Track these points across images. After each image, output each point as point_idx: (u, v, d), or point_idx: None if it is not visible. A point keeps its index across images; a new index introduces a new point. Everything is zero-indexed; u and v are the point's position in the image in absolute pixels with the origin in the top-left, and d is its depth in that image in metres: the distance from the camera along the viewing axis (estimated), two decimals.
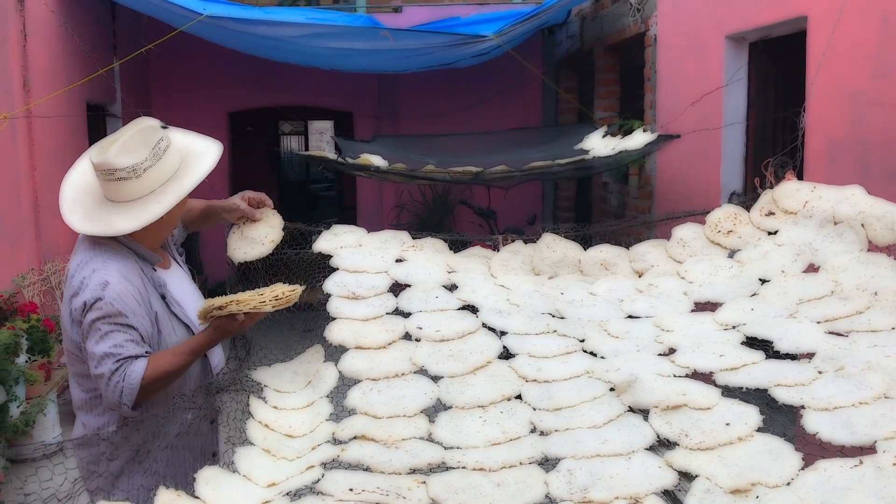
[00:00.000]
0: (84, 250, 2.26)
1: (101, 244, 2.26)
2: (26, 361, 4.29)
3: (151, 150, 2.22)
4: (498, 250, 3.08)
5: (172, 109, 8.86)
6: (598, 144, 5.46)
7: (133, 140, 2.23)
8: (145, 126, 2.26)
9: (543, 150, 5.92)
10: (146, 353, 2.19)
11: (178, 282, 2.46)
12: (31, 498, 1.94)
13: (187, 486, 1.86)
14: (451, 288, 2.83)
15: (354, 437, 2.14)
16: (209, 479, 1.91)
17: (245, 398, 2.36)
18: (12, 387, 4.00)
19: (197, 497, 1.83)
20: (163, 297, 2.33)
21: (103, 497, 2.10)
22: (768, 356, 2.26)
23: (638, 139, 5.02)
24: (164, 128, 2.33)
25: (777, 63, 4.91)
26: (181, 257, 2.61)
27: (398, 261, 2.93)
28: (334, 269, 2.86)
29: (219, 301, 2.20)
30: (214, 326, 2.24)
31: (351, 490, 1.86)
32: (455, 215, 9.13)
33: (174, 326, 2.32)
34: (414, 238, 3.07)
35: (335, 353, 2.55)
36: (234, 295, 2.23)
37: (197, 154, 2.39)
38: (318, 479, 1.92)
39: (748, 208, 3.02)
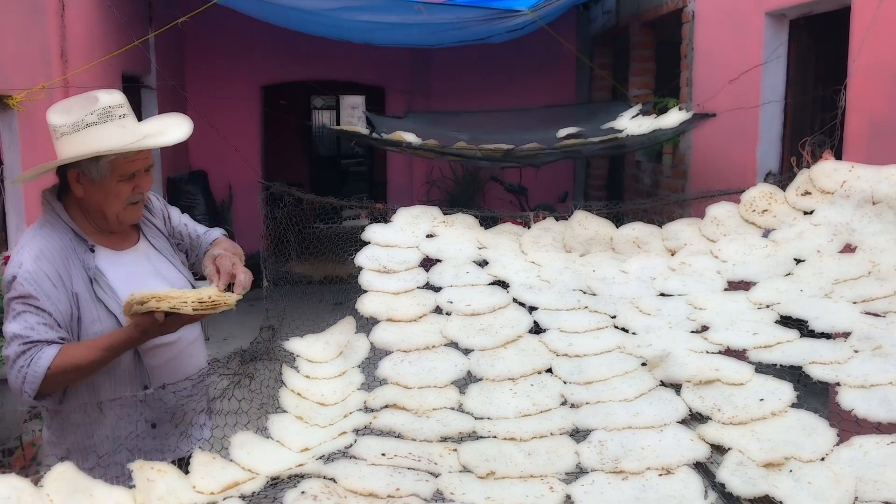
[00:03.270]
0: (36, 223, 2.21)
1: (47, 221, 2.19)
2: None
3: (76, 119, 2.11)
4: (529, 227, 3.08)
5: (206, 82, 8.91)
6: (632, 123, 5.41)
7: (75, 102, 2.16)
8: (92, 96, 2.16)
9: (576, 127, 5.87)
10: (60, 339, 2.08)
11: (133, 267, 2.27)
12: None
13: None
14: (482, 264, 2.84)
15: (386, 406, 2.17)
16: (243, 443, 1.95)
17: (278, 367, 2.39)
18: None
19: (231, 460, 1.87)
20: (92, 281, 2.17)
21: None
22: (803, 335, 2.25)
23: (673, 118, 4.97)
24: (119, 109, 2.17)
25: (818, 40, 4.82)
26: (173, 243, 2.47)
27: (429, 236, 2.95)
28: (366, 243, 2.88)
29: (139, 295, 2.00)
30: (135, 324, 2.04)
31: (383, 455, 1.89)
32: (486, 192, 9.11)
33: (99, 314, 2.15)
34: (445, 214, 3.07)
35: (366, 325, 2.57)
36: (160, 292, 2.04)
37: (155, 134, 2.24)
38: (351, 445, 1.95)
39: (784, 188, 2.99)
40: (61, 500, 1.46)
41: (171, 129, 2.28)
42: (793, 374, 2.08)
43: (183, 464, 1.86)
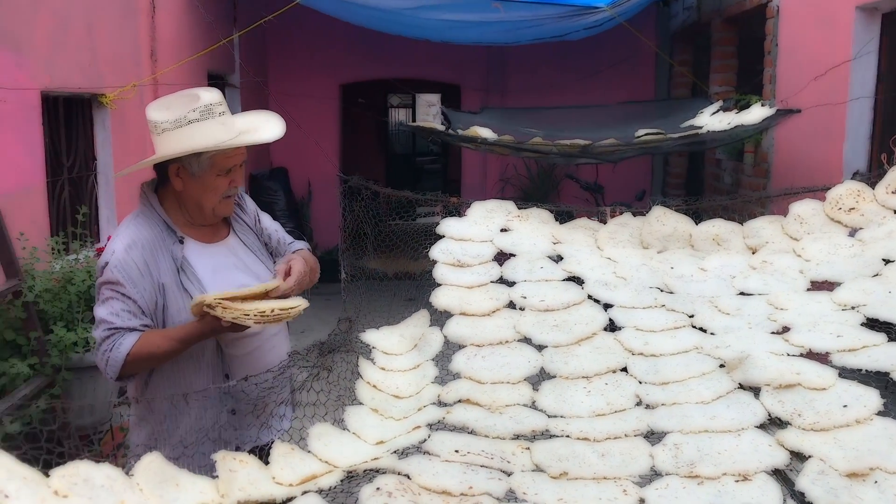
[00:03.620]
0: (133, 213, 2.32)
1: (142, 212, 2.30)
2: None
3: (178, 115, 2.20)
4: (605, 223, 3.05)
5: (287, 81, 9.10)
6: (712, 119, 5.29)
7: (175, 99, 2.25)
8: (193, 93, 2.25)
9: (655, 124, 5.78)
10: (143, 325, 2.18)
11: (221, 259, 2.36)
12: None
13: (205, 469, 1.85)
14: (557, 259, 2.82)
15: (459, 401, 2.18)
16: (321, 434, 1.98)
17: (354, 359, 2.43)
18: None
19: (309, 451, 1.91)
20: (179, 271, 2.26)
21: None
22: (891, 339, 2.16)
23: (755, 114, 4.83)
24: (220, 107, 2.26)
25: None
26: (259, 240, 2.52)
27: (503, 230, 2.94)
28: (440, 237, 2.90)
29: (208, 299, 2.07)
30: (204, 321, 2.13)
31: (457, 451, 1.90)
32: (560, 190, 9.04)
33: (185, 303, 2.23)
34: (519, 208, 3.06)
35: (440, 318, 2.59)
36: (228, 299, 2.08)
37: (249, 131, 2.33)
38: (425, 440, 1.97)
39: (873, 186, 2.88)
40: (150, 489, 1.52)
41: (264, 125, 2.37)
42: (879, 380, 2.00)
43: (263, 453, 1.91)
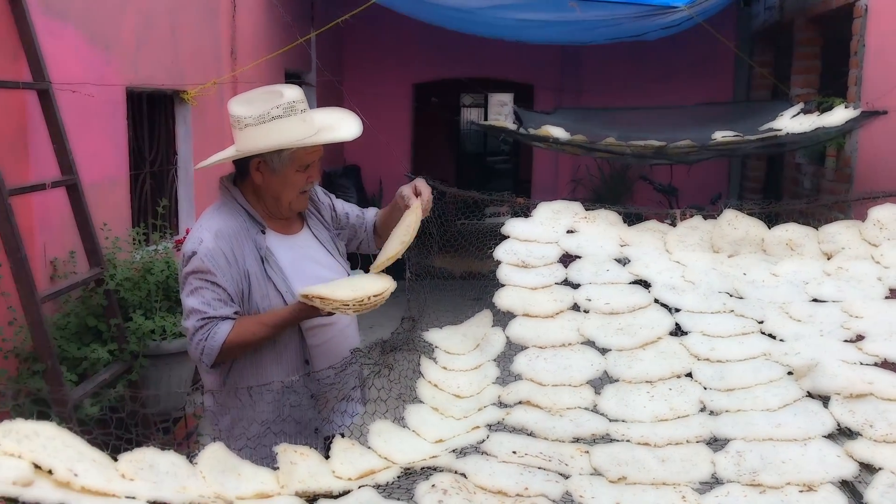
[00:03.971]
0: (213, 205, 2.38)
1: (224, 204, 2.36)
2: None
3: (261, 111, 2.24)
4: (675, 225, 3.00)
5: (362, 79, 9.23)
6: (792, 122, 5.14)
7: (258, 95, 2.31)
8: (276, 90, 2.30)
9: (732, 126, 5.64)
10: (234, 313, 2.23)
11: (297, 251, 2.42)
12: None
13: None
14: (624, 261, 2.79)
15: (519, 402, 2.18)
16: (381, 431, 2.01)
17: (416, 357, 2.45)
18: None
19: (369, 447, 1.94)
20: (263, 260, 2.32)
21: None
22: None
23: (838, 115, 4.68)
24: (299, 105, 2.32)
25: None
26: (335, 236, 2.59)
27: (569, 232, 2.92)
28: (505, 238, 2.89)
29: (308, 292, 2.13)
30: (300, 308, 2.19)
31: (514, 453, 1.90)
32: (634, 192, 8.91)
33: (269, 291, 2.29)
34: (587, 209, 3.04)
35: (503, 318, 2.59)
36: (325, 291, 2.13)
37: (328, 128, 2.38)
38: (483, 440, 1.97)
39: None
40: (213, 477, 1.57)
41: (342, 123, 2.43)
42: None
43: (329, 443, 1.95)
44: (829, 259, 2.74)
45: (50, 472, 1.20)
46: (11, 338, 3.30)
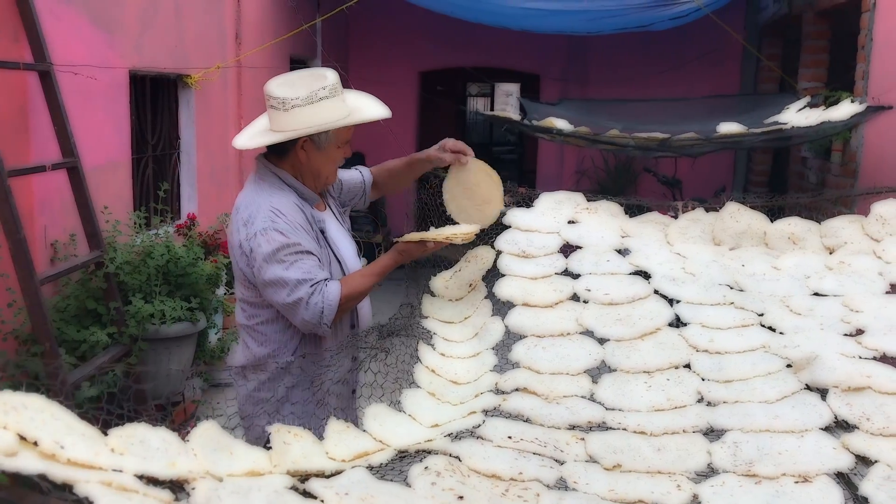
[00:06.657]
0: (252, 185, 2.44)
1: (266, 180, 2.42)
2: (224, 293, 4.65)
3: (309, 92, 2.33)
4: (677, 217, 2.98)
5: (368, 66, 9.19)
6: (798, 116, 5.11)
7: (299, 77, 2.39)
8: (318, 72, 2.40)
9: (738, 119, 5.61)
10: (330, 273, 2.38)
11: (333, 224, 2.58)
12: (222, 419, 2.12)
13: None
14: (624, 252, 2.78)
15: (516, 389, 2.17)
16: (376, 414, 2.01)
17: (414, 343, 2.45)
18: (212, 315, 4.35)
19: (364, 430, 1.94)
20: (321, 232, 2.46)
21: (267, 421, 2.19)
22: None
23: (844, 110, 4.65)
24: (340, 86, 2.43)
25: None
26: (343, 211, 2.73)
27: (571, 222, 2.91)
28: (506, 227, 2.88)
29: (412, 236, 2.43)
30: (400, 250, 2.41)
31: (510, 438, 1.89)
32: (638, 184, 8.88)
33: (331, 259, 2.45)
34: (589, 200, 3.02)
35: (502, 308, 2.58)
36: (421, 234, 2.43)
37: (358, 109, 2.49)
38: (479, 425, 1.96)
39: None
40: (205, 455, 1.56)
41: (368, 104, 2.55)
42: None
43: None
44: (830, 253, 2.73)
45: (35, 443, 1.19)
46: (11, 319, 3.30)
